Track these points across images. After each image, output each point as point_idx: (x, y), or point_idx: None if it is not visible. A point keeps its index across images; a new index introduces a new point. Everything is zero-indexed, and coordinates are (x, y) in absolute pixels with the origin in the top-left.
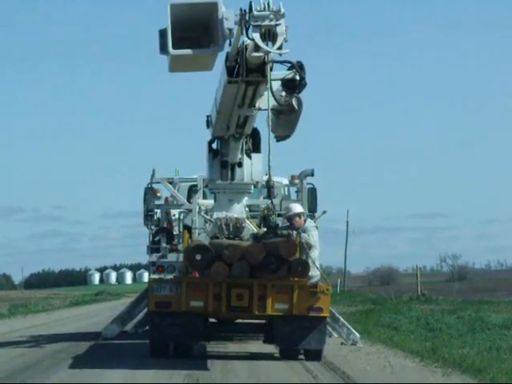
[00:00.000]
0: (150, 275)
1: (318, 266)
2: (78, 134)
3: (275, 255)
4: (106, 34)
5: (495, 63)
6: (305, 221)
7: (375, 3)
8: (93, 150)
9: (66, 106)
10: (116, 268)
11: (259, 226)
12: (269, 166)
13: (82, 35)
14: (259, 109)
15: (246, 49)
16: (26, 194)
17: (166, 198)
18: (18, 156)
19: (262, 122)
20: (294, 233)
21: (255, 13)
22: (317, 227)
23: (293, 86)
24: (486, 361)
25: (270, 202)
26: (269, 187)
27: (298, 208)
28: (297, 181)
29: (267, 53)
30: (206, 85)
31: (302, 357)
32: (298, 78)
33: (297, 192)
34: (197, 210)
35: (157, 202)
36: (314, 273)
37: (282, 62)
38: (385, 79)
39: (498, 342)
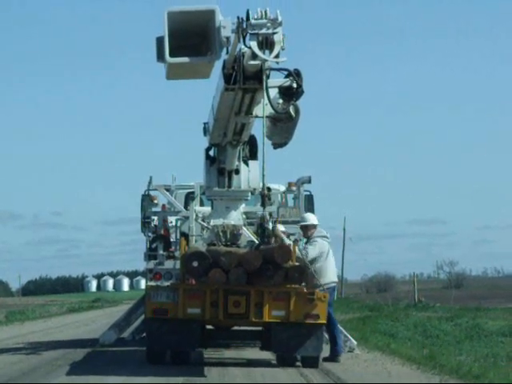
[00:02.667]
0: (147, 282)
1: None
2: (77, 140)
3: (272, 262)
4: (103, 42)
5: (497, 69)
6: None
7: (373, 9)
8: (90, 157)
9: (64, 112)
10: (113, 275)
11: (256, 234)
12: (263, 175)
13: (79, 43)
14: (256, 116)
15: (243, 57)
16: (25, 200)
17: (163, 205)
18: (17, 162)
19: (259, 129)
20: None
21: (252, 21)
22: (326, 236)
23: (290, 94)
24: (483, 368)
25: (263, 210)
26: (263, 196)
27: (313, 219)
28: (294, 188)
29: (264, 61)
30: (203, 92)
31: (298, 363)
32: (295, 85)
33: (294, 199)
34: (194, 217)
35: (154, 209)
36: (325, 280)
37: (279, 70)
38: (382, 84)
39: (495, 349)
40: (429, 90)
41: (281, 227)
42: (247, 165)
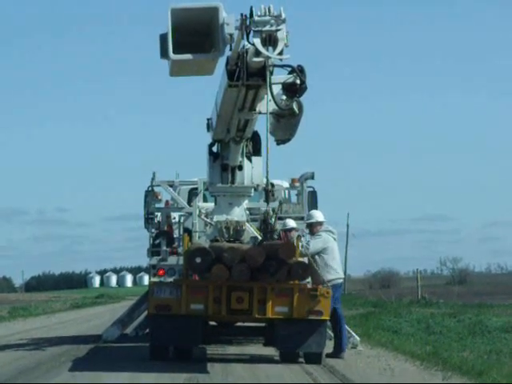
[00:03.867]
0: (150, 278)
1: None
2: (81, 136)
3: (276, 258)
4: (104, 38)
5: (499, 66)
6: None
7: (376, 5)
8: (94, 153)
9: (68, 108)
10: (116, 271)
11: (259, 229)
12: (267, 171)
13: (80, 41)
14: (260, 112)
15: (247, 53)
16: (29, 196)
17: (167, 201)
18: (21, 158)
19: (262, 125)
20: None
21: (256, 18)
22: (332, 232)
23: (293, 90)
24: (486, 364)
25: (267, 206)
26: (266, 191)
27: (319, 216)
28: (297, 184)
29: (268, 58)
30: (207, 88)
31: (301, 360)
32: (298, 82)
33: (297, 195)
34: (197, 213)
35: (157, 205)
36: (331, 276)
37: (282, 66)
38: (386, 80)
39: (498, 346)
40: (429, 85)
41: (291, 222)
42: (250, 161)
